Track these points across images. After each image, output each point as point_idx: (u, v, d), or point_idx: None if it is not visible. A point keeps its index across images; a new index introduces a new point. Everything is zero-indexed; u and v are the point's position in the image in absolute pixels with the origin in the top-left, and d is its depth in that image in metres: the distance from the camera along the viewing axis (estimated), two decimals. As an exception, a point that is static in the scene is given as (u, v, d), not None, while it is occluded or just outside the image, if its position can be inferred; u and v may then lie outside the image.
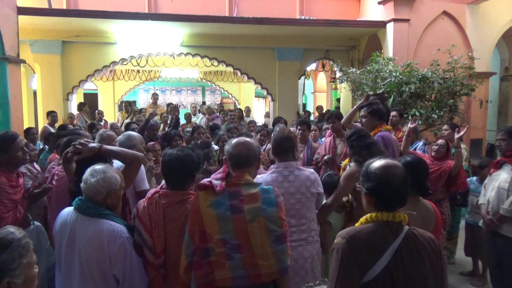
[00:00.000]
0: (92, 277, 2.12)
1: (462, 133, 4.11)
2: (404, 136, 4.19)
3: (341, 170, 3.58)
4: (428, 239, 1.67)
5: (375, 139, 3.52)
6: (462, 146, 4.88)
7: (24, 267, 1.31)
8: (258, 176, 2.79)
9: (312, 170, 2.89)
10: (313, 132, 5.37)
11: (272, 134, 5.23)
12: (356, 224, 1.71)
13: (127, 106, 10.14)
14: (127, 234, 2.17)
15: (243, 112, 9.48)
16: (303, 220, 2.71)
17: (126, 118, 9.23)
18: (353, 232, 1.62)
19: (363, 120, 3.85)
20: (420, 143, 4.89)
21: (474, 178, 4.53)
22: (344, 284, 1.55)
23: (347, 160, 3.90)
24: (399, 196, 1.65)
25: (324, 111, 10.92)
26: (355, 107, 4.35)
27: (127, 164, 2.51)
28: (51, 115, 7.32)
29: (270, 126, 7.23)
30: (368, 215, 1.68)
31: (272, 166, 2.81)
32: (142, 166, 3.02)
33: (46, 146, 5.02)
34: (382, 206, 1.65)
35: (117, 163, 2.67)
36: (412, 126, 4.13)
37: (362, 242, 1.58)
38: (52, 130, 6.44)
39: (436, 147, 4.19)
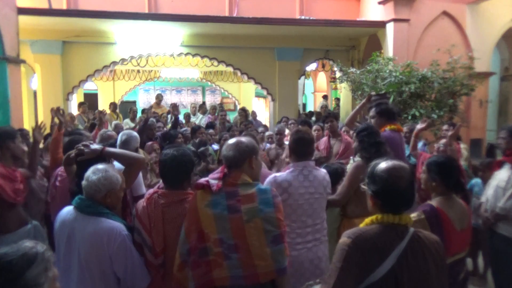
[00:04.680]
0: (91, 276, 2.13)
1: (454, 131, 4.13)
2: (413, 137, 4.20)
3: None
4: (433, 241, 1.66)
5: None
6: (463, 146, 4.88)
7: (50, 282, 1.26)
8: (276, 174, 2.80)
9: (325, 170, 2.92)
10: (316, 132, 5.39)
11: (275, 134, 5.25)
12: (361, 225, 1.68)
13: (114, 106, 10.10)
14: (126, 232, 2.18)
15: (246, 112, 9.44)
16: (318, 220, 2.73)
17: (116, 119, 9.22)
18: (359, 232, 1.60)
19: (372, 120, 3.84)
20: (420, 143, 4.89)
21: (479, 180, 4.39)
22: (343, 282, 1.54)
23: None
24: (405, 199, 1.63)
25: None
26: (357, 107, 4.35)
27: (127, 166, 2.53)
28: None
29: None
30: (374, 216, 1.66)
31: (290, 165, 2.80)
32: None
33: None
34: (388, 209, 1.63)
35: (116, 164, 2.68)
36: (421, 127, 4.12)
37: (368, 242, 1.57)
38: None
39: (443, 147, 4.18)
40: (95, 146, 2.51)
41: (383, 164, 1.66)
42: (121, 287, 2.21)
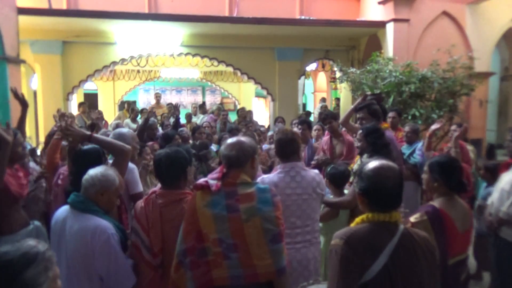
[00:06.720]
0: (77, 274, 2.11)
1: (459, 132, 4.12)
2: (427, 138, 4.23)
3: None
4: (423, 237, 1.68)
5: None
6: (469, 148, 4.87)
7: (50, 281, 1.25)
8: (264, 176, 2.80)
9: (317, 171, 2.91)
10: (316, 131, 5.41)
11: (272, 134, 5.27)
12: (352, 224, 1.71)
13: (129, 106, 10.18)
14: (113, 231, 2.16)
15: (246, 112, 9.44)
16: (308, 221, 2.72)
17: (128, 118, 9.25)
18: (350, 232, 1.62)
19: (363, 122, 3.86)
20: (420, 144, 4.89)
21: (484, 183, 4.23)
22: (346, 283, 1.56)
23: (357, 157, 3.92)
24: (392, 198, 1.65)
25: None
26: (352, 107, 4.38)
27: (115, 155, 2.57)
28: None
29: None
30: (364, 215, 1.68)
31: (278, 166, 2.81)
32: (136, 168, 3.02)
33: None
34: (376, 207, 1.65)
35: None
36: (436, 127, 4.13)
37: (360, 242, 1.59)
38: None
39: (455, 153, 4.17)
40: (84, 131, 2.58)
41: (371, 163, 1.69)
42: (104, 287, 2.17)
